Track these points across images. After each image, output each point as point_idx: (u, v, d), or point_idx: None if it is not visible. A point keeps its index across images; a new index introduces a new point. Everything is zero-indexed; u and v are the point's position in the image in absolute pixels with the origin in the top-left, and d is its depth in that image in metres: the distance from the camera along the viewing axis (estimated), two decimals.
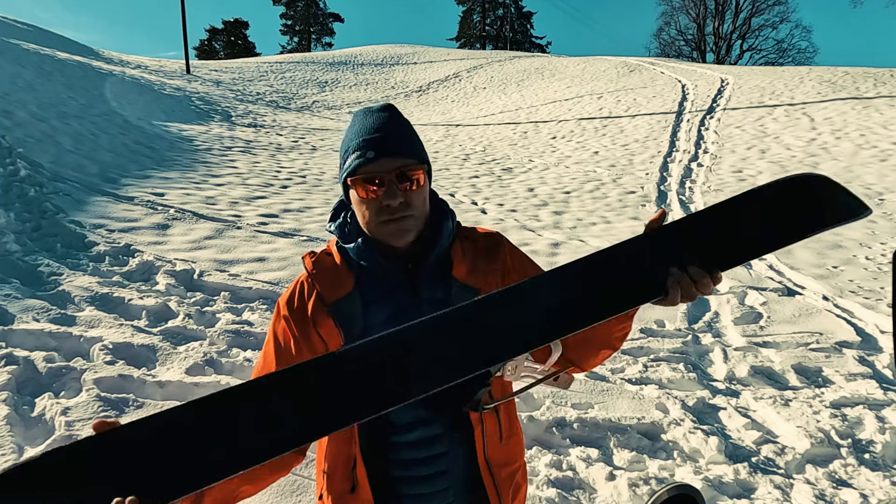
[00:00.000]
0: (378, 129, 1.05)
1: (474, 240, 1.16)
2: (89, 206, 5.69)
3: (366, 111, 1.09)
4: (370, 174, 1.02)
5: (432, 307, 1.07)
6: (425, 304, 1.08)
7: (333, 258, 1.12)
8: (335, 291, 1.07)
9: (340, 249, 1.12)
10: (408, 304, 1.08)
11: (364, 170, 1.03)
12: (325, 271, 1.10)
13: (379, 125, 1.06)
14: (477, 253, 1.14)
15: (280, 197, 7.32)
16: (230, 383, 2.91)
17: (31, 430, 2.46)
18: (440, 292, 1.10)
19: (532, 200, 8.08)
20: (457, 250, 1.13)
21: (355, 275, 1.09)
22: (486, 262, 1.13)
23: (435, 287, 1.10)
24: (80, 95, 11.30)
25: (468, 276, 1.10)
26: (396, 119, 1.08)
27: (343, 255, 1.11)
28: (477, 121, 17.05)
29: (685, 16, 42.75)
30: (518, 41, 53.26)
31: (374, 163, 1.02)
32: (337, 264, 1.10)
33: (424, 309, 1.07)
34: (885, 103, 12.29)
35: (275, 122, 15.10)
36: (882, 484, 2.40)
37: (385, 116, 1.07)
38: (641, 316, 4.16)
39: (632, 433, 2.74)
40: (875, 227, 6.33)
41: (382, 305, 1.08)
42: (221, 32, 51.85)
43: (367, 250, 1.07)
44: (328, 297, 1.07)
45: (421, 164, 1.06)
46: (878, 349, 3.67)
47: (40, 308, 3.49)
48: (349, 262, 1.10)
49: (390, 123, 1.06)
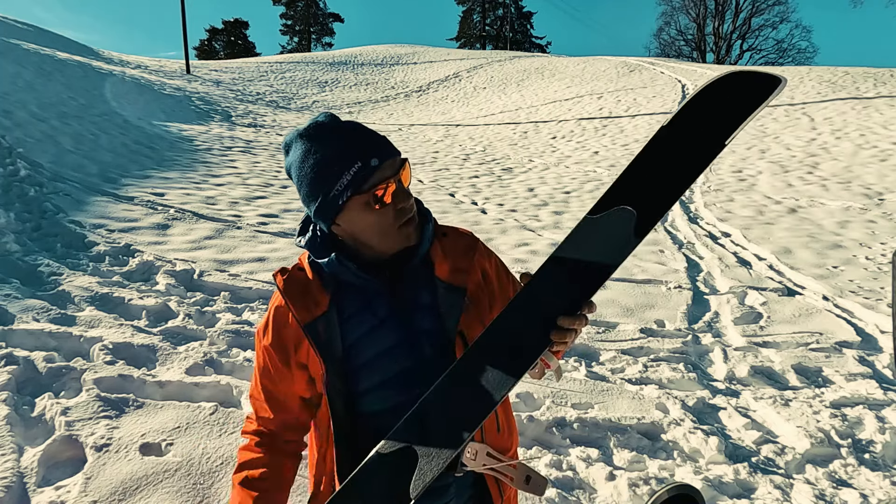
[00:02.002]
0: (360, 137, 1.00)
1: (452, 237, 1.13)
2: (89, 206, 5.69)
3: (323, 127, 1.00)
4: (383, 181, 0.97)
5: (418, 312, 1.06)
6: (408, 310, 1.06)
7: (306, 273, 1.07)
8: (309, 311, 1.03)
9: (312, 264, 1.07)
10: (387, 313, 1.05)
11: (374, 180, 0.97)
12: (297, 290, 1.05)
13: (357, 134, 1.00)
14: (456, 251, 1.11)
15: (280, 197, 7.32)
16: (230, 383, 2.91)
17: (31, 430, 2.46)
18: (426, 296, 1.07)
19: (532, 200, 8.08)
20: (436, 249, 1.09)
21: (330, 291, 1.05)
22: (467, 261, 1.10)
23: (420, 290, 1.07)
24: (80, 95, 11.30)
25: (452, 276, 1.07)
26: (359, 123, 1.04)
27: (315, 270, 1.07)
28: (477, 121, 17.04)
29: (685, 16, 42.79)
30: (518, 41, 53.26)
31: (381, 169, 0.98)
32: (310, 279, 1.06)
33: (410, 315, 1.06)
34: (885, 103, 12.29)
35: (275, 122, 15.10)
36: (882, 484, 2.40)
37: (351, 124, 1.02)
38: (641, 316, 4.16)
39: (632, 433, 2.74)
40: (875, 227, 6.33)
41: (361, 319, 1.05)
42: (221, 32, 51.87)
43: (341, 264, 1.02)
44: (302, 317, 1.02)
45: (406, 158, 1.04)
46: (878, 349, 3.67)
47: (40, 308, 3.49)
48: (322, 278, 1.06)
49: (362, 129, 1.02)
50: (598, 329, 3.94)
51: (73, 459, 2.31)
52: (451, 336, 1.06)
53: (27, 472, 2.18)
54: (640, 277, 4.87)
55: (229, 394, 2.87)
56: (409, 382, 1.04)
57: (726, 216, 6.97)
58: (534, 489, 1.08)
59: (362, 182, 0.97)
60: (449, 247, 1.11)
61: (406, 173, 1.02)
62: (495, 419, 1.13)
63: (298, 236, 1.10)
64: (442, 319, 1.06)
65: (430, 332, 1.06)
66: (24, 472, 2.19)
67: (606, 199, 0.99)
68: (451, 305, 1.07)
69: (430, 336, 1.06)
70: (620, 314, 4.17)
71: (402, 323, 1.05)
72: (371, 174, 0.97)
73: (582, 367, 3.35)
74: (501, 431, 1.15)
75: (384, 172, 0.98)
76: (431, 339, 1.06)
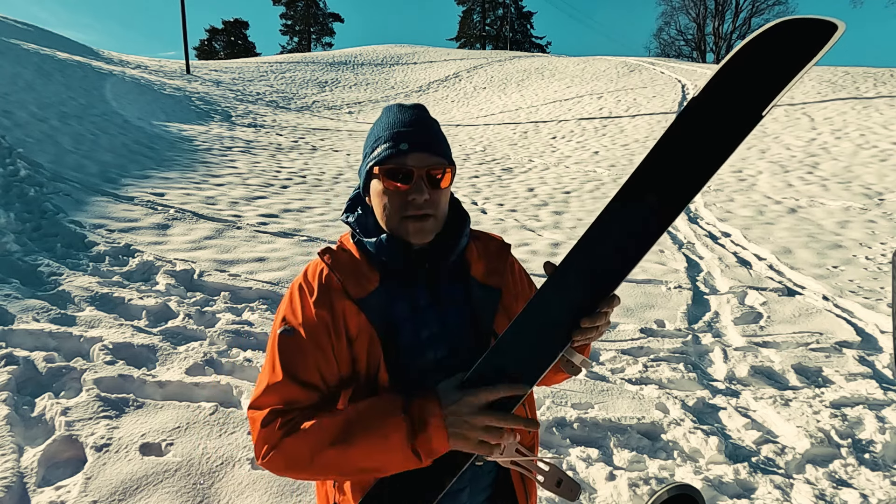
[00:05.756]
0: (412, 123, 1.05)
1: (485, 241, 1.17)
2: (89, 206, 5.69)
3: (399, 106, 1.09)
4: (400, 166, 1.01)
5: (451, 307, 1.08)
6: (444, 303, 1.08)
7: (352, 253, 1.08)
8: (363, 287, 1.04)
9: (359, 244, 1.09)
10: (426, 303, 1.07)
11: (395, 161, 1.01)
12: (346, 267, 1.06)
13: (413, 120, 1.06)
14: (489, 254, 1.15)
15: (280, 197, 7.32)
16: (230, 383, 2.91)
17: (31, 430, 2.46)
18: (458, 292, 1.09)
19: (532, 200, 8.08)
20: (472, 250, 1.13)
21: (379, 270, 1.06)
22: (500, 263, 1.14)
23: (454, 287, 1.10)
24: (80, 95, 11.30)
25: (487, 277, 1.11)
26: (430, 118, 1.09)
27: (362, 251, 1.08)
28: (477, 121, 17.04)
29: (685, 16, 42.87)
30: (518, 41, 53.29)
31: (407, 156, 1.01)
32: (357, 259, 1.07)
33: (443, 308, 1.07)
34: (885, 103, 12.29)
35: (275, 122, 15.10)
36: (882, 484, 2.40)
37: (419, 114, 1.08)
38: (641, 316, 4.16)
39: (632, 433, 2.74)
40: (875, 227, 6.33)
41: (405, 303, 1.06)
42: (221, 32, 51.89)
43: (390, 247, 1.04)
44: (355, 292, 1.03)
45: (449, 165, 1.06)
46: (878, 349, 3.67)
47: (40, 308, 3.49)
48: (370, 258, 1.07)
49: (424, 121, 1.07)
50: None
51: (73, 459, 2.31)
52: (485, 335, 1.09)
53: (27, 472, 2.18)
54: (640, 277, 4.87)
55: (229, 394, 2.87)
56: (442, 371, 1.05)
57: (726, 216, 6.97)
58: (565, 493, 1.04)
59: (385, 157, 1.02)
60: (482, 249, 1.15)
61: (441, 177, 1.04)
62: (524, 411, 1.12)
63: (345, 212, 1.13)
64: (476, 318, 1.09)
65: (464, 327, 1.08)
66: (24, 472, 2.19)
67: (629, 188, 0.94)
68: (486, 305, 1.10)
69: (463, 331, 1.08)
70: (620, 314, 4.17)
71: (439, 315, 1.07)
72: (395, 155, 1.01)
73: None
74: None
75: (408, 159, 1.01)
76: (465, 334, 1.08)
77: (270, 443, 0.94)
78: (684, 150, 0.92)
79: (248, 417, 1.08)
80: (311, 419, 0.95)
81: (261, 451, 0.95)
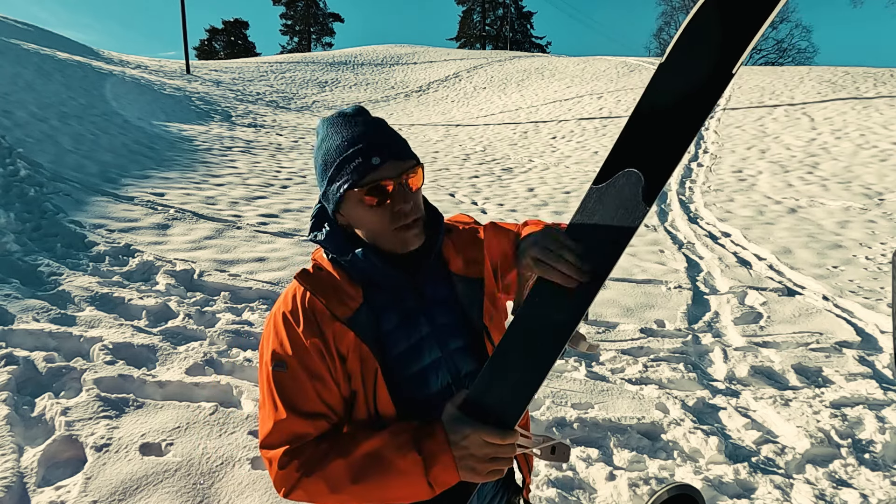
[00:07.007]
0: (370, 133, 1.00)
1: (457, 233, 1.16)
2: (89, 206, 5.69)
3: (344, 116, 1.02)
4: (379, 181, 0.98)
5: (438, 306, 1.09)
6: (430, 304, 1.07)
7: (329, 272, 1.06)
8: (347, 306, 1.02)
9: (334, 262, 1.06)
10: (413, 307, 1.06)
11: (371, 177, 0.97)
12: (327, 289, 1.03)
13: (370, 130, 1.01)
14: (464, 245, 1.14)
15: (280, 197, 7.33)
16: (230, 383, 2.91)
17: (31, 430, 2.46)
18: (443, 290, 1.09)
19: (532, 200, 8.08)
20: (447, 245, 1.13)
21: (359, 285, 1.04)
22: (476, 251, 1.13)
23: (437, 286, 1.09)
24: (80, 95, 11.30)
25: (466, 269, 1.11)
26: (379, 120, 1.04)
27: (338, 268, 1.06)
28: (477, 121, 17.05)
29: (685, 16, 42.76)
30: (518, 41, 53.30)
31: (382, 168, 0.98)
32: (337, 279, 1.05)
33: (431, 310, 1.07)
34: (885, 103, 12.29)
35: (275, 122, 15.10)
36: (882, 484, 2.40)
37: (371, 120, 1.03)
38: (641, 316, 4.16)
39: (632, 433, 2.74)
40: (875, 227, 6.33)
41: (391, 313, 1.05)
42: (221, 32, 51.93)
43: (368, 260, 1.02)
44: (341, 312, 1.01)
45: (419, 164, 1.04)
46: (878, 349, 3.67)
47: (40, 308, 3.49)
48: (349, 275, 1.05)
49: (379, 125, 1.03)
50: (598, 329, 3.94)
51: (73, 459, 2.31)
52: (477, 328, 1.09)
53: (27, 472, 2.18)
54: (640, 277, 4.87)
55: (229, 394, 2.87)
56: (440, 373, 1.07)
57: (726, 216, 6.97)
58: (560, 457, 1.07)
59: (359, 177, 0.98)
60: (458, 241, 1.14)
61: (415, 178, 1.02)
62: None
63: (312, 231, 1.09)
64: (465, 312, 1.09)
65: (454, 325, 1.09)
66: (24, 472, 2.19)
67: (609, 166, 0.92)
68: (471, 298, 1.10)
69: (454, 329, 1.09)
70: (620, 314, 4.17)
71: (427, 317, 1.07)
72: (369, 171, 0.97)
73: (582, 367, 3.35)
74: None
75: (383, 172, 0.98)
76: (456, 331, 1.09)
77: (289, 485, 0.96)
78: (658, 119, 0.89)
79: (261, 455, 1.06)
80: (326, 455, 0.97)
81: (280, 491, 0.98)
